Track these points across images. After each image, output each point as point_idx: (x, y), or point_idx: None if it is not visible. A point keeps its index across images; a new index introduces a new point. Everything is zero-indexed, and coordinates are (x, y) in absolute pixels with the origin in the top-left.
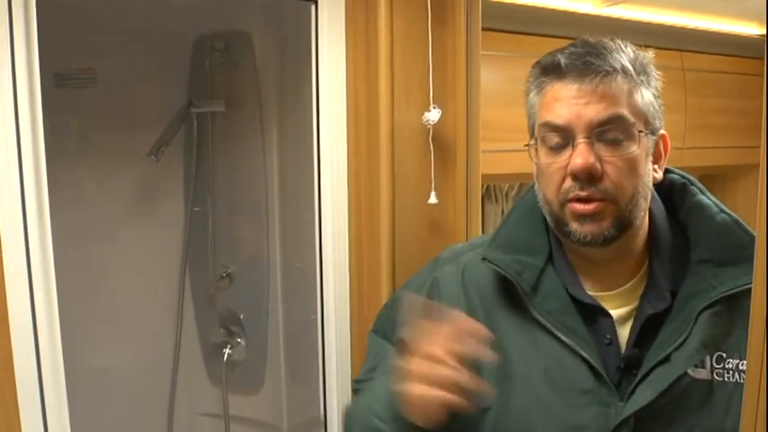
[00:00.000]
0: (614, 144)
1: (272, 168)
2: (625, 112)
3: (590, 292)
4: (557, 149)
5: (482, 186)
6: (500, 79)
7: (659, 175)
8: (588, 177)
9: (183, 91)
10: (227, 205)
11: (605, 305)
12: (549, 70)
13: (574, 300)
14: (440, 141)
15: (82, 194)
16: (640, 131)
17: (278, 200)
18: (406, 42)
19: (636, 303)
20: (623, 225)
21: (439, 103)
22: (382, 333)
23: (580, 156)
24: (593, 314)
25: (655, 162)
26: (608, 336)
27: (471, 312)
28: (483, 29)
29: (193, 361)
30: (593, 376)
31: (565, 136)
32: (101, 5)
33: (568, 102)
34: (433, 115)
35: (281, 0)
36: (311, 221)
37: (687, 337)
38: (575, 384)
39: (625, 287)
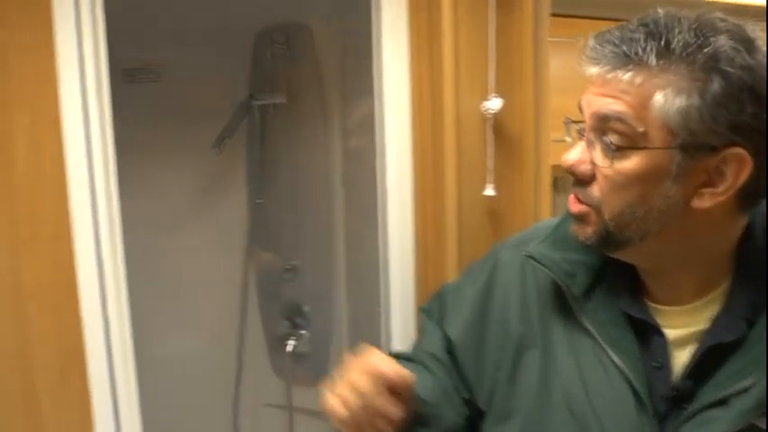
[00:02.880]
0: (609, 149)
1: (334, 160)
2: (629, 113)
3: (650, 304)
4: (579, 133)
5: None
6: (568, 66)
7: (706, 203)
8: (575, 178)
9: (245, 84)
10: (290, 197)
11: (663, 322)
12: (582, 49)
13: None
14: (504, 131)
15: (148, 186)
16: (646, 146)
17: (341, 191)
18: (471, 29)
19: (703, 326)
20: (607, 240)
21: (504, 91)
22: (427, 312)
23: (570, 152)
24: (647, 332)
25: (706, 186)
26: (659, 359)
27: (524, 308)
28: (551, 14)
29: (258, 352)
30: (635, 402)
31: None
32: (165, 1)
33: (590, 87)
34: (494, 104)
35: None
36: (375, 213)
37: (754, 383)
38: (615, 408)
39: (691, 305)
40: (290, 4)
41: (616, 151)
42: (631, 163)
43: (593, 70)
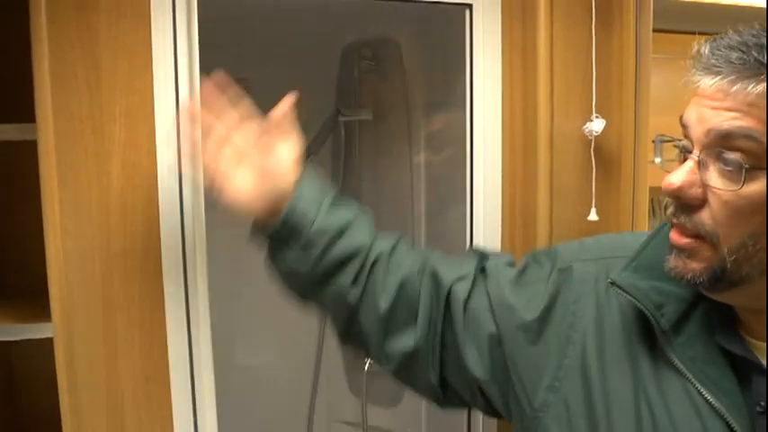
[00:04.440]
0: (732, 172)
1: (419, 178)
2: (759, 129)
3: (748, 338)
4: (683, 154)
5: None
6: (665, 84)
7: None
8: (680, 204)
9: (331, 99)
10: (374, 213)
11: (763, 360)
12: (694, 58)
13: (723, 347)
14: (603, 153)
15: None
16: None
17: (425, 211)
18: (568, 46)
19: None
20: (720, 278)
21: (602, 111)
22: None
23: (675, 174)
24: (746, 370)
25: None
26: (762, 402)
27: (600, 335)
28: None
29: (334, 369)
30: None
31: (690, 141)
32: (253, 17)
33: (699, 100)
34: (597, 125)
35: (432, 6)
36: (461, 235)
37: None
38: None
39: None
40: (378, 19)
41: (740, 173)
42: (758, 186)
43: (712, 81)
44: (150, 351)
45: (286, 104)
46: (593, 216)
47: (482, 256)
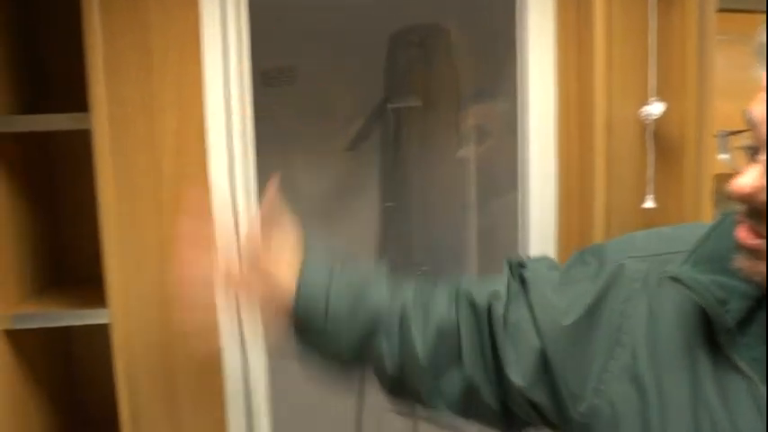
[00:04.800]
0: None
1: (469, 164)
2: None
3: None
4: (750, 152)
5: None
6: (733, 66)
7: None
8: (751, 208)
9: (380, 87)
10: (422, 202)
11: None
12: (755, 51)
13: None
14: (663, 138)
15: (282, 188)
16: None
17: (475, 197)
18: (625, 27)
19: None
20: None
21: (662, 95)
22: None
23: (744, 177)
24: None
25: None
26: None
27: (652, 336)
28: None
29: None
30: None
31: (758, 139)
32: (300, 5)
33: (764, 97)
34: (654, 109)
35: None
36: (512, 222)
37: None
38: None
39: None
40: (425, 5)
41: None
42: None
43: None
44: (204, 341)
45: (271, 192)
46: (649, 203)
47: (519, 265)
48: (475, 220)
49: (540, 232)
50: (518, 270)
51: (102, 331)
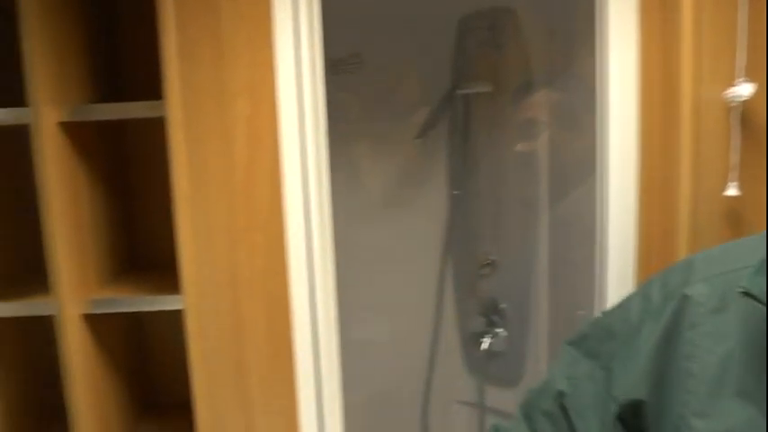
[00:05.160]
0: None
1: (540, 151)
2: None
3: None
4: None
5: None
6: None
7: None
8: None
9: (448, 73)
10: (491, 190)
11: None
12: None
13: None
14: (751, 122)
15: (350, 175)
16: None
17: (547, 185)
18: (714, 3)
19: None
20: None
21: (754, 75)
22: (584, 348)
23: None
24: None
25: None
26: None
27: (724, 361)
28: None
29: (451, 347)
30: None
31: None
32: None
33: None
34: (743, 90)
35: None
36: (587, 209)
37: None
38: None
39: None
40: None
41: None
42: None
43: None
44: (274, 326)
45: None
46: (732, 191)
47: (559, 395)
48: (546, 210)
49: (619, 221)
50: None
51: (174, 316)
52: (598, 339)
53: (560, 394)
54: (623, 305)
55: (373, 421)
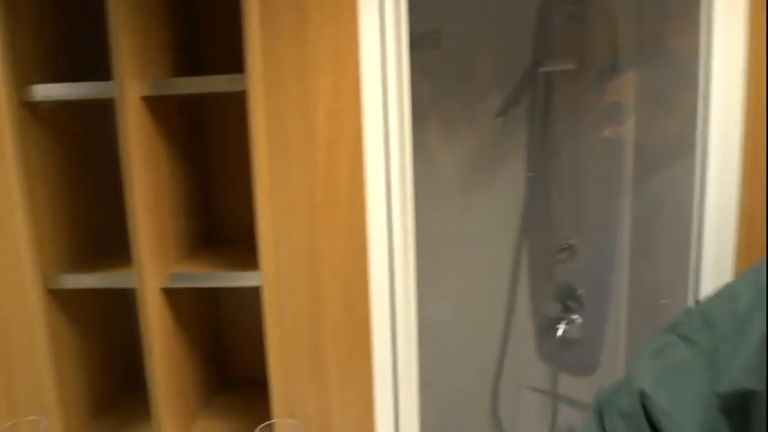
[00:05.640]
0: None
1: (627, 132)
2: None
3: None
4: None
5: None
6: None
7: None
8: None
9: (529, 49)
10: (571, 172)
11: None
12: None
13: None
14: None
15: (425, 156)
16: None
17: (632, 167)
18: None
19: None
20: None
21: None
22: (679, 336)
23: None
24: None
25: None
26: None
27: None
28: None
29: (524, 332)
30: None
31: None
32: None
33: None
34: None
35: None
36: (678, 195)
37: None
38: None
39: None
40: None
41: None
42: None
43: None
44: (353, 306)
45: None
46: None
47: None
48: (630, 193)
49: (719, 205)
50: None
51: (251, 293)
52: (695, 329)
53: (642, 394)
54: (726, 294)
55: (445, 404)
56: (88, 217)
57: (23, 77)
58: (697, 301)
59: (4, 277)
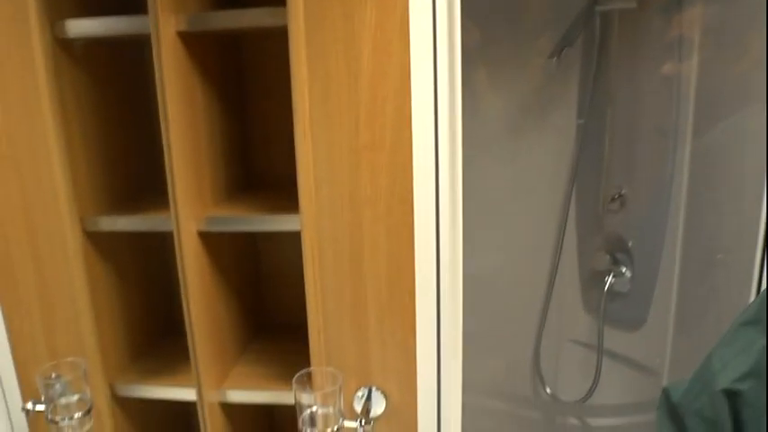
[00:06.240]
0: None
1: (687, 75)
2: None
3: None
4: None
5: None
6: None
7: None
8: None
9: None
10: (627, 117)
11: None
12: None
13: None
14: None
15: (475, 97)
16: None
17: (692, 114)
18: None
19: None
20: None
21: None
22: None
23: None
24: None
25: None
26: None
27: None
28: None
29: (569, 284)
30: None
31: None
32: None
33: None
34: None
35: None
36: (748, 146)
37: None
38: None
39: None
40: None
41: None
42: None
43: None
44: (395, 252)
45: None
46: None
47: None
48: (688, 142)
49: None
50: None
51: (290, 238)
52: None
53: (728, 393)
54: None
55: (486, 356)
56: (125, 159)
57: (56, 11)
58: None
59: (41, 220)
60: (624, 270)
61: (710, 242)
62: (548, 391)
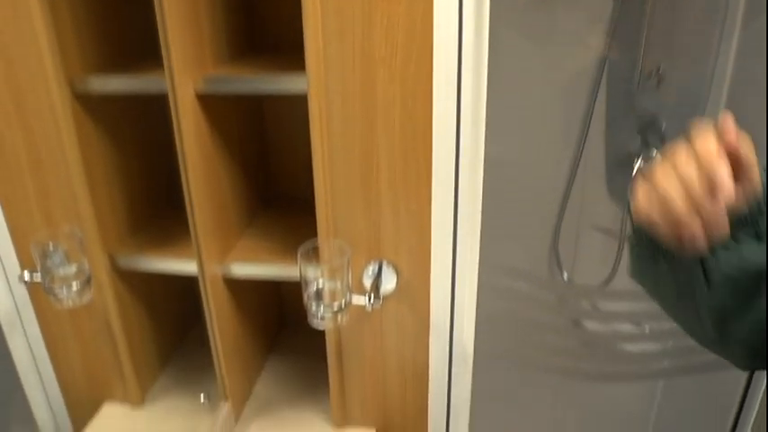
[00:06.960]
0: None
1: None
2: None
3: None
4: None
5: None
6: None
7: None
8: None
9: None
10: None
11: None
12: None
13: None
14: None
15: None
16: None
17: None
18: None
19: None
20: None
21: None
22: None
23: None
24: None
25: None
26: None
27: None
28: None
29: (595, 166)
30: None
31: None
32: None
33: None
34: None
35: None
36: None
37: None
38: None
39: None
40: None
41: None
42: None
43: None
44: (412, 114)
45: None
46: None
47: None
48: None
49: None
50: None
51: (297, 102)
52: None
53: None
54: None
55: (504, 237)
56: (117, 15)
57: None
58: None
59: (27, 83)
60: (655, 153)
61: (749, 125)
62: (564, 276)
